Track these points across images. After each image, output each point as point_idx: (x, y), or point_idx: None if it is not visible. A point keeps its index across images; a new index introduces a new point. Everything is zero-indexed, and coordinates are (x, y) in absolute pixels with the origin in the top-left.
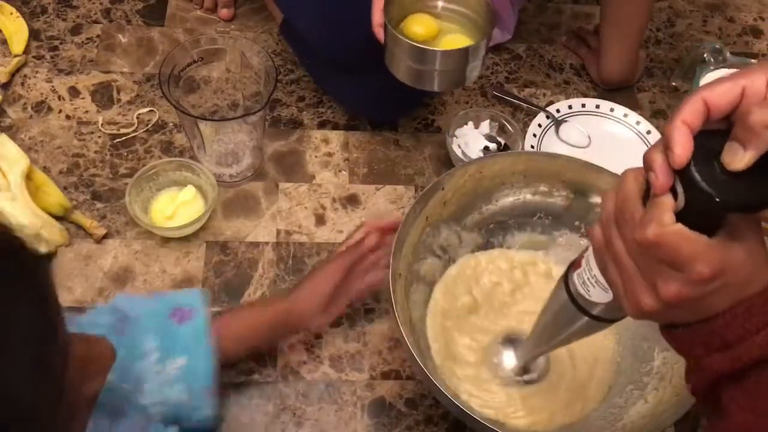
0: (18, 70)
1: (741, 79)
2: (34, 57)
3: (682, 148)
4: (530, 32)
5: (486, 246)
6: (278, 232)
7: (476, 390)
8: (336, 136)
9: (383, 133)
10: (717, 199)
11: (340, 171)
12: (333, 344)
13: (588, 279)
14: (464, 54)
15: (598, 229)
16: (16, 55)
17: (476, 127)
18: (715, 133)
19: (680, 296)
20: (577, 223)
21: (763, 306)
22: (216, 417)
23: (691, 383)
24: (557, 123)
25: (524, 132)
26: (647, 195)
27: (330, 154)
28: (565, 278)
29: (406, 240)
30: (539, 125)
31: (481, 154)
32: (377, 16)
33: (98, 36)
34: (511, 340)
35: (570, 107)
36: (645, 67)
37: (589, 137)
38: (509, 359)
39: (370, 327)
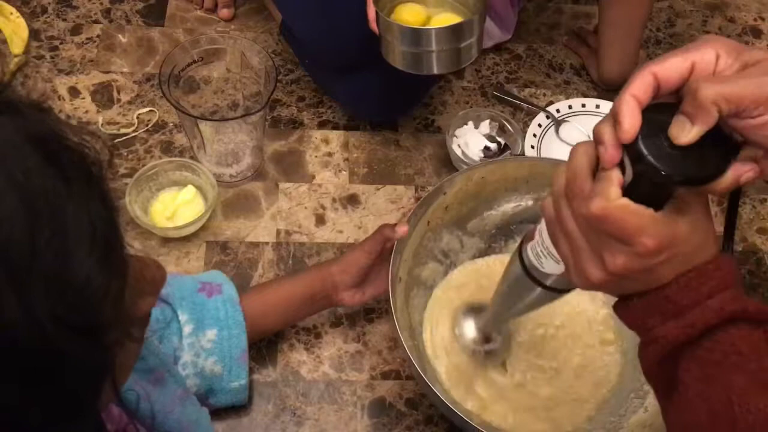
0: (18, 70)
1: (691, 53)
2: (34, 57)
3: (630, 122)
4: (530, 32)
5: (488, 251)
6: (278, 232)
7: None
8: (336, 136)
9: (383, 133)
10: (663, 173)
11: (340, 171)
12: (333, 344)
13: (541, 251)
14: (458, 30)
15: (550, 203)
16: (16, 55)
17: (476, 127)
18: (664, 107)
19: (626, 268)
20: None
21: (715, 272)
22: (246, 386)
23: (644, 360)
24: (557, 123)
25: (524, 132)
26: (597, 167)
27: (330, 154)
28: (520, 251)
29: (407, 244)
30: (539, 125)
31: (481, 154)
32: (371, 12)
33: (98, 36)
34: (473, 310)
35: (570, 107)
36: None
37: (589, 137)
38: (470, 329)
39: (370, 327)
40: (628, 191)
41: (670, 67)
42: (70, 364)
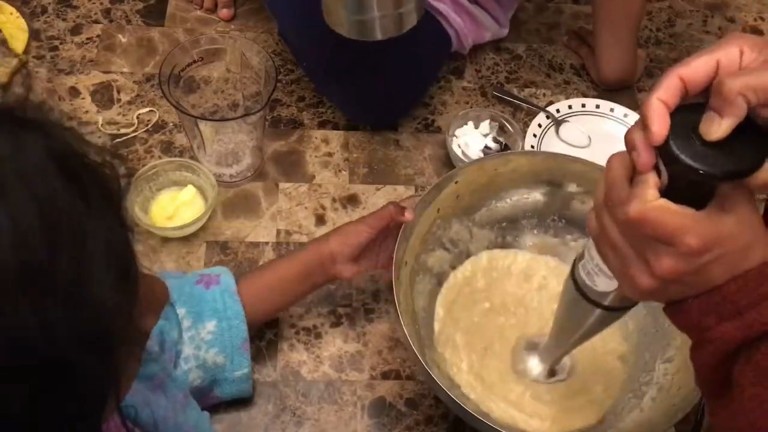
0: (18, 70)
1: (716, 52)
2: (34, 57)
3: (659, 125)
4: (530, 32)
5: (498, 245)
6: (278, 232)
7: (475, 380)
8: (336, 136)
9: (383, 133)
10: (696, 170)
11: (340, 171)
12: (333, 344)
13: (592, 269)
14: None
15: (593, 217)
16: (16, 56)
17: (476, 127)
18: (694, 107)
19: (674, 271)
20: None
21: None
22: (249, 375)
23: (698, 361)
24: (557, 123)
25: (524, 132)
26: (634, 175)
27: (330, 154)
28: (572, 272)
29: (415, 229)
30: (539, 125)
31: (481, 154)
32: None
33: (98, 36)
34: (533, 345)
35: (570, 107)
36: (645, 67)
37: (589, 137)
38: (534, 364)
39: (370, 327)
40: (666, 194)
41: (696, 68)
42: (80, 377)
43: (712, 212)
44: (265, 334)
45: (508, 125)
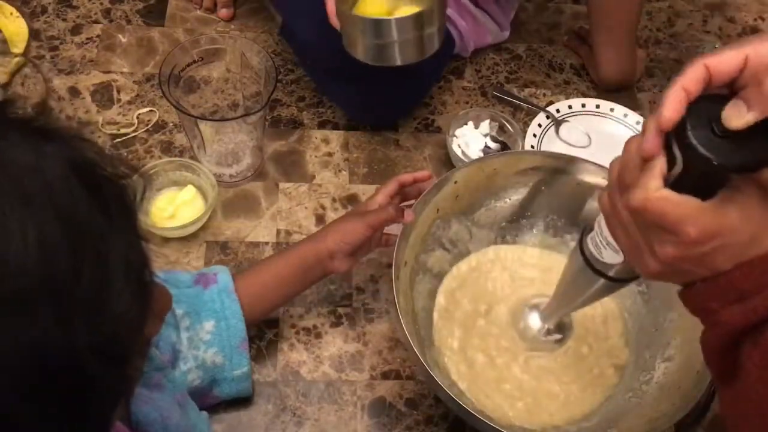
0: (18, 70)
1: (745, 47)
2: (34, 57)
3: (671, 110)
4: (530, 32)
5: (498, 244)
6: (278, 232)
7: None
8: (336, 136)
9: (383, 133)
10: (710, 160)
11: (340, 171)
12: (333, 344)
13: (600, 241)
14: (419, 19)
15: (606, 195)
16: (16, 56)
17: (476, 127)
18: (714, 98)
19: (676, 257)
20: None
21: None
22: (249, 374)
23: (706, 345)
24: (557, 123)
25: (524, 132)
26: None
27: (330, 154)
28: (580, 242)
29: (414, 229)
30: (539, 125)
31: (481, 154)
32: (330, 6)
33: (98, 36)
34: (534, 306)
35: (570, 107)
36: (645, 67)
37: (589, 137)
38: (535, 320)
39: (370, 327)
40: (680, 180)
41: (724, 60)
42: (95, 387)
43: (718, 203)
44: (265, 334)
45: (508, 125)
